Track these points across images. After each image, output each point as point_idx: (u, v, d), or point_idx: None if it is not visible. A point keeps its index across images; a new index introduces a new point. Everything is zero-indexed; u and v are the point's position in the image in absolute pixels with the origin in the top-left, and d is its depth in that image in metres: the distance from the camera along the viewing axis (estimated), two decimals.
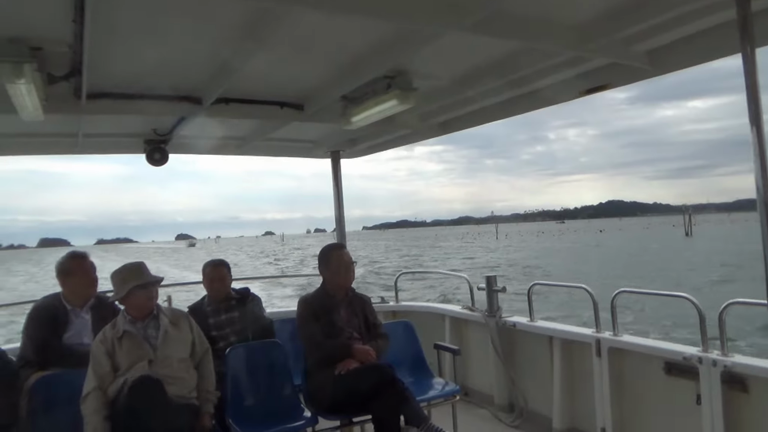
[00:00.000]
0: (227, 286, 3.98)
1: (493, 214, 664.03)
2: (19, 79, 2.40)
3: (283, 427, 3.31)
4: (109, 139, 4.42)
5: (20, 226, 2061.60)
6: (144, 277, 3.07)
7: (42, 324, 3.30)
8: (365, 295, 3.85)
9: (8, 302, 15.96)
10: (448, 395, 3.72)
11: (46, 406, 3.03)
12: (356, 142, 5.13)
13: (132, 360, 2.94)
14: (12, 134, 3.99)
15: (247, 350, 3.62)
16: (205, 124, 4.02)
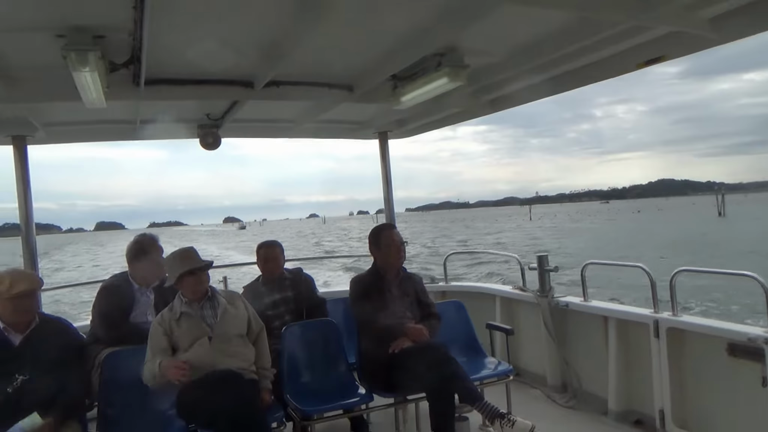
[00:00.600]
0: (281, 266, 4.06)
1: (537, 195, 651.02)
2: (84, 67, 2.49)
3: (339, 403, 3.40)
4: (164, 125, 4.54)
5: (79, 210, 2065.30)
6: (193, 263, 3.15)
7: (110, 302, 3.46)
8: (417, 275, 3.86)
9: (74, 282, 16.77)
10: (501, 375, 3.72)
11: (115, 380, 3.19)
12: (404, 122, 5.11)
13: (192, 338, 3.05)
14: (75, 122, 4.15)
15: (301, 328, 3.71)
16: (256, 108, 4.09)
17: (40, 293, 3.20)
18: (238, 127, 4.68)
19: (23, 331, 2.84)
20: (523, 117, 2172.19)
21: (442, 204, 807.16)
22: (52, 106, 3.59)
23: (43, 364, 2.80)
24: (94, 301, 3.56)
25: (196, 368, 2.98)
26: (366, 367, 3.51)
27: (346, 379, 3.60)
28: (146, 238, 3.70)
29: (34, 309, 2.91)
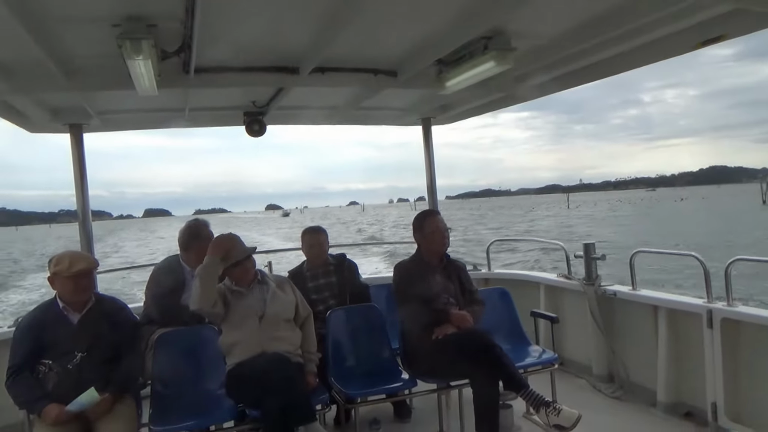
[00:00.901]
0: (325, 251, 4.11)
1: (581, 182, 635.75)
2: (138, 55, 2.56)
3: (383, 387, 3.43)
4: (212, 112, 4.64)
5: (128, 198, 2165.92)
6: (238, 254, 3.22)
7: (162, 285, 3.58)
8: (460, 261, 3.84)
9: (126, 266, 17.45)
10: (545, 363, 3.68)
11: (167, 359, 3.32)
12: (447, 108, 5.07)
13: (242, 316, 3.15)
14: (127, 110, 4.28)
15: (346, 313, 3.75)
16: (301, 94, 4.12)
17: (96, 275, 3.33)
18: (282, 114, 4.73)
19: (81, 311, 2.96)
20: (567, 103, 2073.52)
21: (482, 192, 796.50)
22: (107, 94, 3.71)
23: (99, 342, 2.92)
24: (148, 283, 3.69)
25: (246, 348, 3.07)
26: (409, 352, 3.52)
27: (389, 364, 3.63)
28: (198, 224, 3.80)
29: (91, 288, 3.03)
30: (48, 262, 3.00)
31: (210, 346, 3.35)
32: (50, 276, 2.94)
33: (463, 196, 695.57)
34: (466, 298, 3.61)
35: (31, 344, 2.85)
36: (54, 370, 2.83)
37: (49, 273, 2.94)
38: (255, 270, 3.31)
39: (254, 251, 3.35)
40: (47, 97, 3.76)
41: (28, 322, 2.95)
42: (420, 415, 3.95)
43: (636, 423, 3.66)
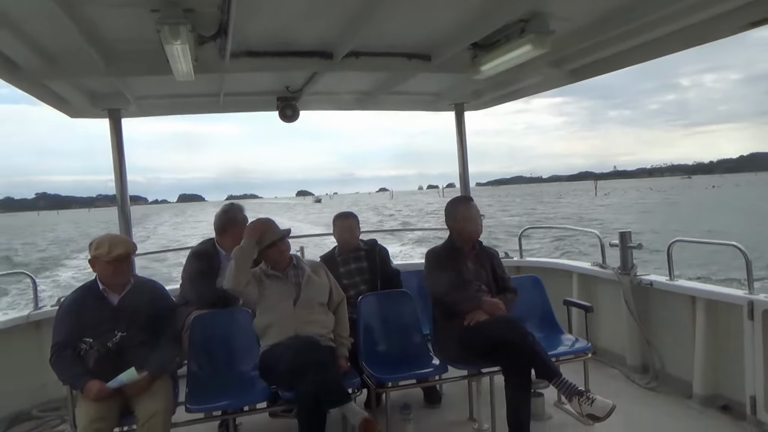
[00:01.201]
0: (356, 237, 4.12)
1: (615, 169, 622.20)
2: (176, 40, 2.59)
3: (414, 372, 3.44)
4: (246, 98, 4.68)
5: (162, 183, 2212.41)
6: (272, 235, 3.26)
7: (198, 268, 3.65)
8: (493, 249, 3.81)
9: (161, 249, 17.91)
10: (578, 352, 3.63)
11: (203, 340, 3.39)
12: (481, 93, 5.01)
13: (277, 299, 3.20)
14: (164, 95, 4.36)
15: (377, 298, 3.76)
16: (334, 79, 4.13)
17: (134, 258, 3.41)
18: (315, 100, 4.74)
19: (120, 292, 3.05)
20: (601, 88, 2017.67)
21: (513, 179, 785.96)
22: (144, 80, 3.78)
23: (138, 322, 3.00)
24: (184, 266, 3.76)
25: (279, 331, 3.12)
26: (440, 338, 3.52)
27: (420, 349, 3.64)
28: (233, 208, 3.85)
29: (129, 272, 3.10)
30: (89, 245, 3.09)
31: (244, 328, 3.41)
32: (91, 259, 3.03)
33: (493, 182, 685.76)
34: (499, 286, 3.58)
35: (72, 324, 2.95)
36: (94, 348, 2.92)
37: (90, 256, 3.03)
38: (290, 254, 3.35)
39: (288, 233, 3.38)
40: (87, 83, 3.85)
41: (70, 303, 3.05)
42: (450, 401, 3.96)
43: (671, 415, 3.60)
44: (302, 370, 2.84)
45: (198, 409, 3.00)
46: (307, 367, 2.84)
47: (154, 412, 2.75)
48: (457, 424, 3.64)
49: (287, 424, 3.55)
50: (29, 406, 4.20)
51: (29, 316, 4.29)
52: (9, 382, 4.09)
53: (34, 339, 4.24)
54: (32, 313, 4.32)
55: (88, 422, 2.67)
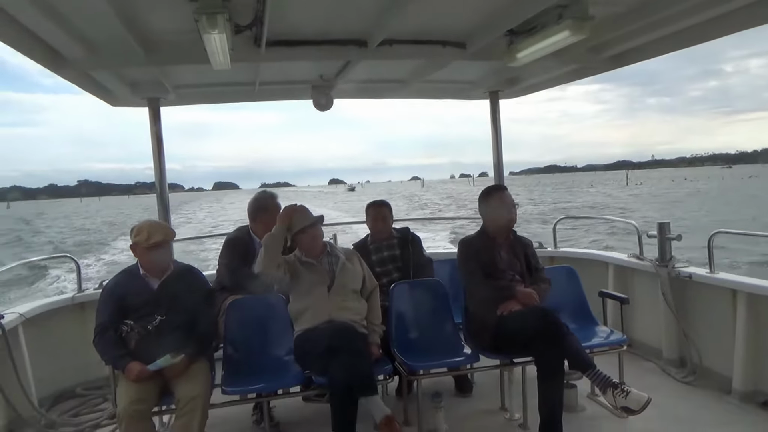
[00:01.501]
0: (389, 225, 4.13)
1: (654, 158, 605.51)
2: (213, 29, 2.62)
3: (445, 361, 3.45)
4: (280, 86, 4.73)
5: (198, 171, 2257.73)
6: (305, 220, 3.31)
7: (234, 254, 3.72)
8: (527, 238, 3.77)
9: (198, 235, 18.35)
10: (613, 344, 3.58)
11: (238, 325, 3.47)
12: (516, 81, 4.94)
13: (311, 285, 3.24)
14: (201, 84, 4.43)
15: (409, 287, 3.77)
16: (368, 68, 4.13)
17: (173, 243, 3.50)
18: (349, 88, 4.75)
19: (160, 277, 3.14)
20: (641, 74, 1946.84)
21: (547, 168, 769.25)
22: (182, 69, 3.85)
23: (176, 307, 3.08)
24: (221, 252, 3.85)
25: (313, 316, 3.17)
26: (472, 327, 3.51)
27: (452, 338, 3.64)
28: (266, 196, 3.91)
29: (168, 257, 3.19)
30: (130, 231, 3.18)
31: (278, 314, 3.47)
32: (132, 245, 3.12)
33: (526, 171, 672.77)
34: (532, 276, 3.55)
35: (114, 306, 3.05)
36: (135, 330, 3.02)
37: (131, 242, 3.12)
38: (323, 241, 3.39)
39: (321, 220, 3.41)
40: (128, 72, 3.95)
41: (112, 286, 3.15)
42: (481, 390, 3.96)
43: (709, 410, 3.52)
44: (336, 355, 2.87)
45: (233, 391, 3.08)
46: (341, 352, 2.87)
47: (194, 395, 2.84)
48: (489, 413, 3.64)
49: (320, 409, 3.61)
50: (73, 384, 4.37)
51: (73, 298, 4.46)
52: (55, 361, 4.26)
53: (78, 320, 4.40)
54: (76, 296, 4.49)
55: (128, 402, 2.77)
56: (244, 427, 3.60)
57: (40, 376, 4.06)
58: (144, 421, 2.82)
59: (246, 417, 3.64)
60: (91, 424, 3.75)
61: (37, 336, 4.11)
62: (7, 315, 3.78)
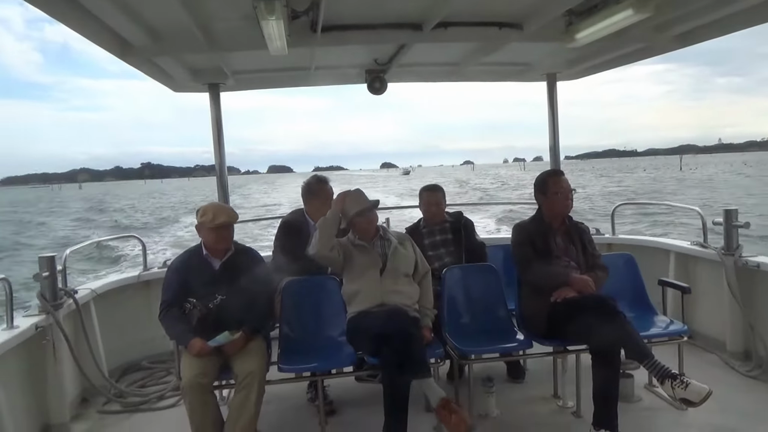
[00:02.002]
0: (442, 209, 4.13)
1: (720, 142, 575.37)
2: (271, 15, 2.67)
3: (498, 346, 3.43)
4: (335, 71, 4.77)
5: (254, 154, 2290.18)
6: (361, 204, 3.34)
7: (290, 236, 3.81)
8: (583, 224, 3.68)
9: (255, 217, 18.91)
10: (673, 335, 3.46)
11: (294, 305, 3.57)
12: (575, 62, 4.80)
13: (364, 268, 3.29)
14: (258, 69, 4.53)
15: (462, 271, 3.76)
16: (423, 51, 4.10)
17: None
18: (403, 72, 4.75)
19: (222, 257, 3.25)
20: (709, 53, 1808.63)
21: (605, 152, 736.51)
22: (241, 54, 3.94)
23: (236, 287, 3.19)
24: (276, 233, 3.94)
25: (366, 299, 3.22)
26: (526, 314, 3.48)
27: (504, 324, 3.62)
28: (317, 179, 3.98)
29: (230, 239, 3.29)
30: (196, 211, 3.31)
31: (332, 296, 3.54)
32: (197, 225, 3.25)
33: (583, 156, 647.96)
34: (589, 263, 3.47)
35: (178, 284, 3.19)
36: (197, 308, 3.15)
37: (197, 222, 3.25)
38: (378, 224, 3.42)
39: (377, 205, 3.45)
40: (189, 58, 4.08)
41: (177, 265, 3.30)
42: (534, 377, 3.93)
43: None
44: (388, 337, 2.91)
45: (289, 369, 3.17)
46: (394, 335, 2.91)
47: (251, 371, 2.94)
48: (541, 400, 3.61)
49: (372, 389, 3.68)
50: (140, 357, 4.62)
51: (140, 276, 4.69)
52: (123, 335, 4.52)
53: (144, 297, 4.63)
54: (142, 274, 4.72)
55: (192, 376, 2.90)
56: (299, 403, 3.72)
57: (110, 349, 4.31)
58: (206, 394, 2.95)
59: (301, 394, 3.76)
60: (156, 395, 3.96)
61: (107, 311, 4.36)
62: (80, 290, 4.03)
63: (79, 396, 3.92)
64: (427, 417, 3.33)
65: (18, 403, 3.19)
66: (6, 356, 3.06)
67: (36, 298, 3.58)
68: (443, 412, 2.82)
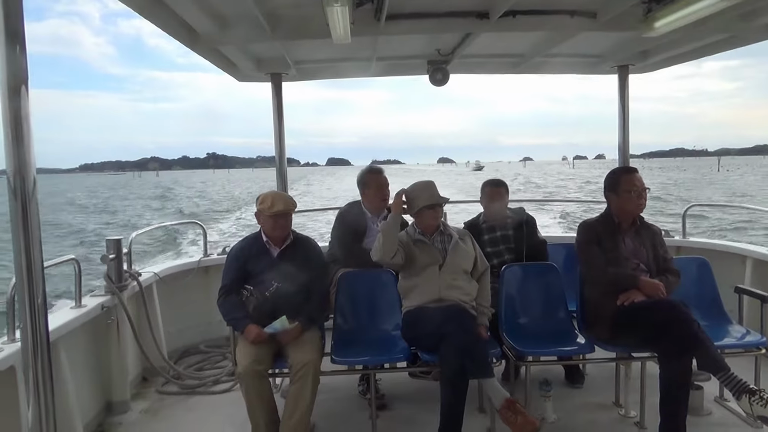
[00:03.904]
0: (505, 205, 4.01)
1: None
2: (336, 2, 2.64)
3: (558, 349, 3.31)
4: (397, 62, 4.71)
5: (313, 147, 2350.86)
6: (433, 198, 3.26)
7: (345, 227, 3.80)
8: (655, 226, 3.47)
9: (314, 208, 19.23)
10: (749, 346, 3.21)
11: (349, 297, 3.56)
12: (649, 54, 4.54)
13: (424, 263, 3.22)
14: (320, 59, 4.53)
15: (522, 269, 3.65)
16: (488, 41, 3.98)
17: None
18: (467, 63, 4.64)
19: (280, 246, 3.27)
20: None
21: (672, 151, 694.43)
22: (304, 44, 3.94)
23: (293, 276, 3.19)
24: (333, 224, 3.94)
25: (423, 294, 3.16)
26: (589, 316, 3.32)
27: (564, 326, 3.48)
28: (364, 171, 3.96)
29: (288, 227, 3.30)
30: (256, 199, 3.35)
31: (388, 289, 3.50)
32: (256, 212, 3.28)
33: (647, 155, 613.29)
34: (660, 266, 3.27)
35: (237, 270, 3.23)
36: (254, 295, 3.18)
37: (256, 209, 3.28)
38: (440, 220, 3.34)
39: (447, 201, 3.36)
40: (254, 48, 4.12)
41: (237, 251, 3.33)
42: (594, 382, 3.77)
43: None
44: (449, 335, 2.84)
45: (342, 361, 3.15)
46: (455, 332, 2.84)
47: (306, 362, 2.94)
48: (601, 407, 3.45)
49: (425, 386, 3.62)
50: (198, 340, 4.75)
51: (200, 261, 4.81)
52: (182, 319, 4.66)
53: (203, 283, 4.75)
54: (202, 259, 4.84)
55: (248, 363, 2.93)
56: (351, 395, 3.70)
57: (169, 331, 4.44)
58: (262, 381, 2.98)
59: (352, 386, 3.75)
60: (212, 378, 4.05)
61: (168, 294, 4.49)
62: (144, 273, 4.17)
63: (139, 375, 4.06)
64: (480, 417, 3.26)
65: (83, 379, 3.32)
66: (74, 333, 3.19)
67: (102, 279, 3.72)
68: (507, 413, 2.73)
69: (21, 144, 1.84)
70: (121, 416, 3.57)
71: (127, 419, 3.55)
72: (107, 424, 3.49)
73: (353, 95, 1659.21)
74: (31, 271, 1.91)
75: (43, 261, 1.99)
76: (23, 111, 1.84)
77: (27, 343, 1.96)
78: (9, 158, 1.84)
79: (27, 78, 1.85)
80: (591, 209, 22.17)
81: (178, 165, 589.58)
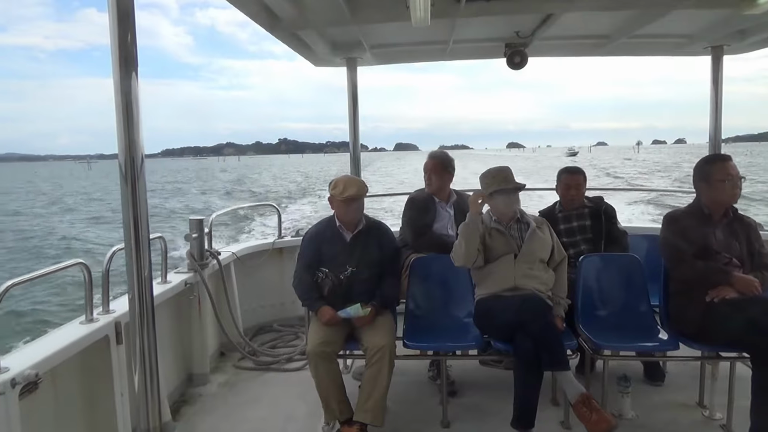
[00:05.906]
0: (582, 193, 3.86)
1: None
2: None
3: (638, 344, 3.16)
4: (474, 45, 4.61)
5: (381, 132, 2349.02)
6: (507, 183, 3.17)
7: (416, 213, 3.79)
8: (750, 218, 3.22)
9: (384, 192, 19.38)
10: None
11: (420, 282, 3.55)
12: (747, 33, 4.21)
13: (500, 252, 3.16)
14: (396, 43, 4.50)
15: (601, 260, 3.51)
16: (570, 22, 3.81)
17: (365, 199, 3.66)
18: (546, 45, 4.47)
19: (353, 230, 3.30)
20: None
21: (761, 135, 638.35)
22: (381, 27, 3.93)
23: (366, 260, 3.23)
24: (404, 209, 3.93)
25: (498, 282, 3.10)
26: (673, 312, 3.14)
27: (645, 320, 3.31)
28: (434, 154, 3.92)
29: (360, 212, 3.31)
30: (329, 183, 3.39)
31: (461, 275, 3.45)
32: (329, 197, 3.33)
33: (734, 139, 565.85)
34: (754, 262, 3.04)
35: (312, 253, 3.29)
36: (329, 278, 3.23)
37: (329, 194, 3.32)
38: (518, 207, 3.25)
39: (523, 187, 3.26)
40: (331, 32, 4.15)
41: (313, 234, 3.40)
42: (675, 381, 3.59)
43: None
44: (524, 324, 2.79)
45: (414, 345, 3.16)
46: (531, 322, 2.78)
47: (381, 345, 2.97)
48: (683, 407, 3.29)
49: (496, 375, 3.58)
50: (272, 319, 4.91)
51: (274, 243, 4.96)
52: (257, 297, 4.82)
53: (277, 263, 4.90)
54: (276, 241, 4.98)
55: (318, 343, 2.99)
56: (420, 380, 3.72)
57: (245, 309, 4.62)
58: (330, 362, 3.03)
59: (422, 370, 3.77)
60: (285, 356, 4.18)
61: (245, 274, 4.66)
62: (223, 252, 4.34)
63: (217, 350, 4.25)
64: (554, 410, 3.19)
65: (167, 351, 3.51)
66: (160, 307, 3.37)
67: (185, 257, 3.90)
68: (582, 408, 2.65)
69: (131, 125, 1.95)
70: (201, 388, 3.76)
71: (206, 391, 3.73)
72: (188, 395, 3.68)
73: (422, 79, 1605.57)
74: (139, 245, 2.03)
75: (150, 235, 2.12)
76: (133, 94, 1.94)
77: (134, 311, 2.09)
78: (120, 139, 1.95)
79: (137, 62, 1.94)
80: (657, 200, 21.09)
81: (251, 150, 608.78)
